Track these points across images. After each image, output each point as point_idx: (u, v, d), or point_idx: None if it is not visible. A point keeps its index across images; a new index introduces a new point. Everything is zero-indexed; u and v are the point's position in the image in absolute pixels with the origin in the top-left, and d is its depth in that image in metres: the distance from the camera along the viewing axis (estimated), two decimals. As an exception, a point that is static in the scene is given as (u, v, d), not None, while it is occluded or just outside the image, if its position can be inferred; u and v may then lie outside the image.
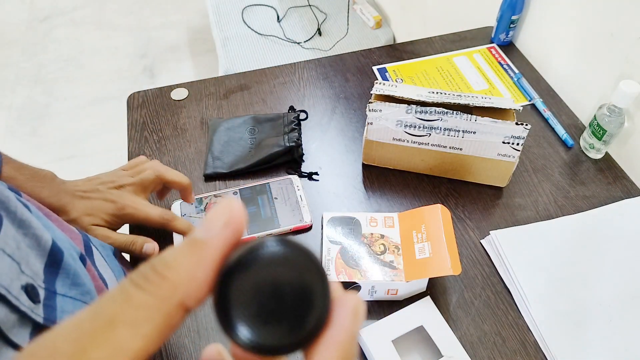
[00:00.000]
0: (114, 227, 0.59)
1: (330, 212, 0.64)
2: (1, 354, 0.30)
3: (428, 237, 0.59)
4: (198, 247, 0.16)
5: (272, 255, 0.17)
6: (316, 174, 0.73)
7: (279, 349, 0.17)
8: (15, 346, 0.31)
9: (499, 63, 0.91)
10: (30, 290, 0.33)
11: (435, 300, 0.60)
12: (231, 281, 0.16)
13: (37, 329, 0.33)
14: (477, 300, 0.61)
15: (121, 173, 0.61)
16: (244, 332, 0.16)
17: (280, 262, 0.17)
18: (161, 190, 0.66)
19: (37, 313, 0.33)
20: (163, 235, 0.67)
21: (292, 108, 0.82)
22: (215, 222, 0.17)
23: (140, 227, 0.67)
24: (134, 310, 0.15)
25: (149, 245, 0.59)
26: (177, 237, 0.64)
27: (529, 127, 0.63)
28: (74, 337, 0.15)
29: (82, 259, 0.44)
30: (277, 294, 0.17)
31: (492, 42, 0.95)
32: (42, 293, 0.35)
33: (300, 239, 0.66)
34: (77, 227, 0.53)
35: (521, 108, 0.66)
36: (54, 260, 0.38)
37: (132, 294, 0.15)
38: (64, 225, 0.46)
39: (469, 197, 0.71)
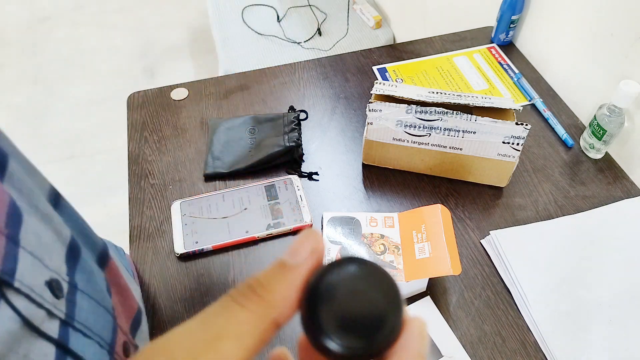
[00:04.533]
0: None
1: (330, 212, 0.64)
2: (34, 344, 0.30)
3: (428, 237, 0.59)
4: (289, 271, 0.19)
5: (351, 274, 0.19)
6: (316, 174, 0.73)
7: (359, 355, 0.19)
8: (48, 337, 0.31)
9: (499, 63, 0.91)
10: (54, 285, 0.33)
11: (435, 301, 0.60)
12: (318, 298, 0.19)
13: (64, 321, 0.33)
14: (477, 300, 0.61)
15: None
16: (331, 342, 0.18)
17: (359, 280, 0.19)
18: None
19: (60, 309, 0.33)
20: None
21: (292, 108, 0.82)
22: (303, 250, 0.19)
23: (140, 227, 0.67)
24: (238, 326, 0.17)
25: None
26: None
27: (529, 127, 0.63)
28: (187, 345, 0.17)
29: (102, 259, 0.44)
30: (358, 308, 0.19)
31: (492, 42, 0.95)
32: (65, 287, 0.35)
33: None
34: None
35: (521, 108, 0.66)
36: (72, 253, 0.38)
37: (235, 311, 0.18)
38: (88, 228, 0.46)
39: (469, 197, 0.71)
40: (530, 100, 0.84)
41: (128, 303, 0.48)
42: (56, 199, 0.41)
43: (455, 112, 0.64)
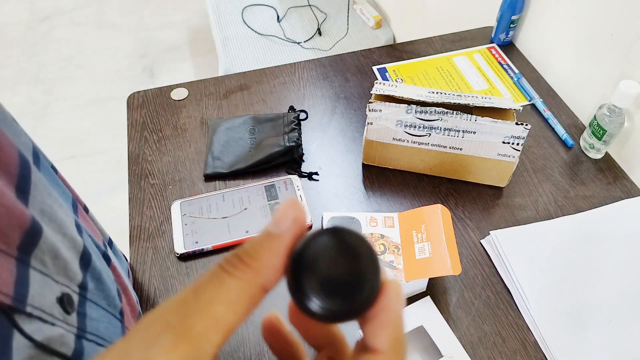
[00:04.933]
0: None
1: (330, 212, 0.64)
2: None
3: (428, 237, 0.59)
4: (274, 240, 0.20)
5: (332, 241, 0.21)
6: (316, 173, 0.73)
7: (341, 316, 0.20)
8: (62, 356, 0.31)
9: (499, 63, 0.91)
10: (65, 300, 0.33)
11: (436, 300, 0.60)
12: (302, 264, 0.20)
13: (77, 335, 0.33)
14: (477, 300, 0.61)
15: None
16: (314, 304, 0.20)
17: (339, 247, 0.21)
18: None
19: (72, 324, 0.33)
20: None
21: (292, 108, 0.82)
22: (286, 219, 0.20)
23: (140, 227, 0.67)
24: (228, 292, 0.19)
25: None
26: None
27: (529, 127, 0.63)
28: (182, 311, 0.18)
29: (106, 257, 0.44)
30: (339, 272, 0.20)
31: (492, 42, 0.95)
32: (76, 299, 0.34)
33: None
34: None
35: (521, 108, 0.66)
36: (84, 260, 0.38)
37: (225, 279, 0.19)
38: (88, 222, 0.46)
39: (469, 197, 0.71)
40: (530, 100, 0.84)
41: (131, 302, 0.48)
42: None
43: (455, 112, 0.64)
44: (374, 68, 0.90)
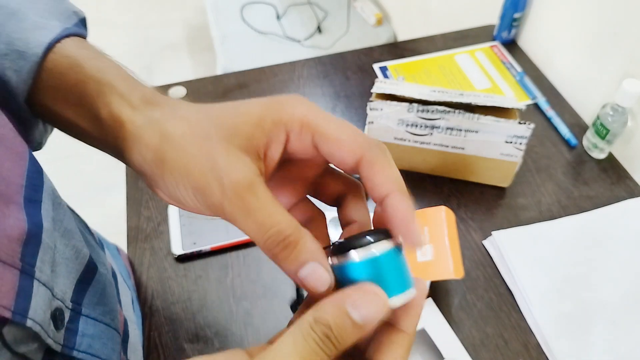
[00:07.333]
0: None
1: (332, 212, 0.63)
2: None
3: (431, 240, 0.58)
4: (360, 332, 0.24)
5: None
6: (316, 173, 0.72)
7: None
8: None
9: (502, 61, 0.90)
10: (57, 316, 0.31)
11: (437, 303, 0.59)
12: None
13: (49, 352, 0.31)
14: (480, 302, 0.60)
15: None
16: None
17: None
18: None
19: (58, 342, 0.31)
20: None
21: (291, 107, 0.81)
22: (374, 318, 0.24)
23: (137, 228, 0.66)
24: None
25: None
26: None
27: (532, 126, 0.62)
28: None
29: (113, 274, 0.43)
30: None
31: (494, 40, 0.94)
32: (67, 315, 0.33)
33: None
34: None
35: (524, 107, 0.65)
36: (86, 275, 0.36)
37: (319, 353, 0.23)
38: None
39: (471, 197, 0.70)
40: (533, 99, 0.83)
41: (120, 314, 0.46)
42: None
43: (457, 111, 0.63)
44: (375, 66, 0.89)
